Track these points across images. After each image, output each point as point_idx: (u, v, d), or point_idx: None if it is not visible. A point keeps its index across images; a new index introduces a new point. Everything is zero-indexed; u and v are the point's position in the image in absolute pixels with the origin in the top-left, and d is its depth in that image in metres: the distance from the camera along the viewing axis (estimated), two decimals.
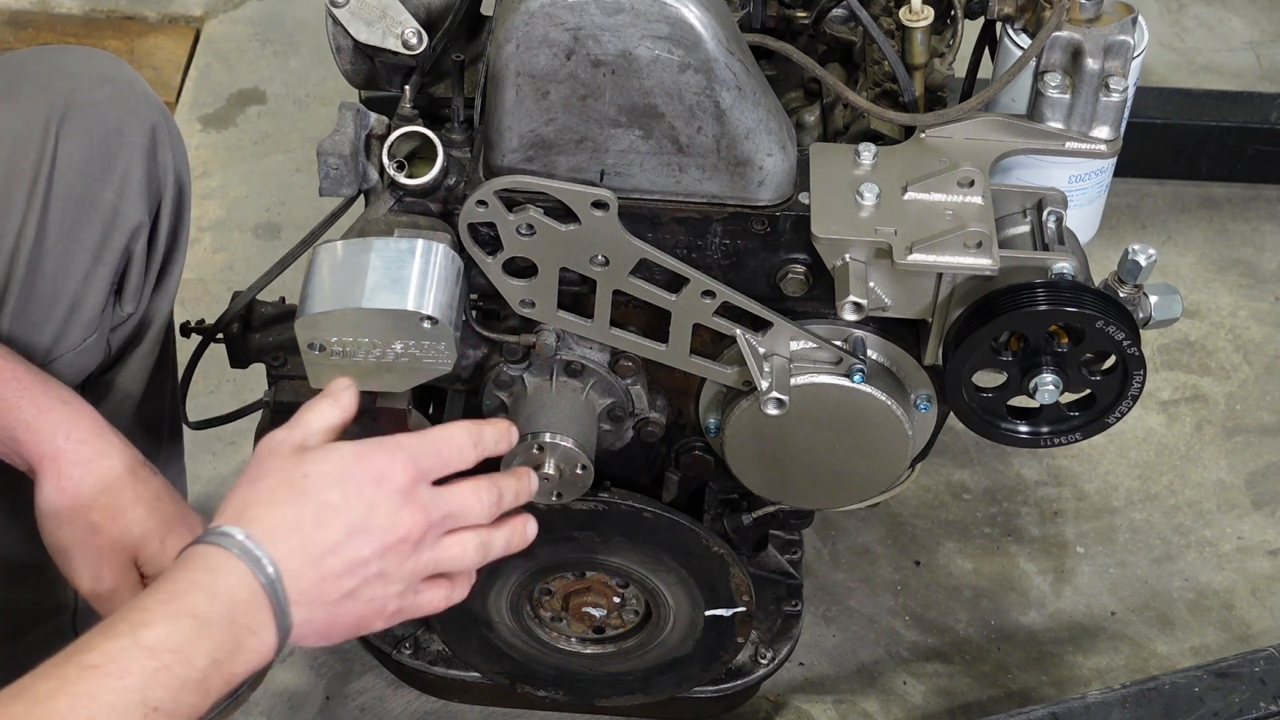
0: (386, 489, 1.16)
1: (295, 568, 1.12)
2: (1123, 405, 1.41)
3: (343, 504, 1.14)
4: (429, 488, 1.19)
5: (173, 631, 1.06)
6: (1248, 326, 2.32)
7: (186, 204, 1.51)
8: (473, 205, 1.35)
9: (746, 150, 1.34)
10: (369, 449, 1.18)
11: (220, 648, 1.08)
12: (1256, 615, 2.01)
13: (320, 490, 1.14)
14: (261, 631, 1.11)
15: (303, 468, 1.16)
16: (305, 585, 1.12)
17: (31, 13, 2.70)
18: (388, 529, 1.16)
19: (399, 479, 1.17)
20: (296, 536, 1.13)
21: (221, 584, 1.09)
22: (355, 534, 1.14)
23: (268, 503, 1.14)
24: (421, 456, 1.19)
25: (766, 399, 1.40)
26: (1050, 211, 1.40)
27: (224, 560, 1.10)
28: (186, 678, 1.06)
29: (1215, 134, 2.41)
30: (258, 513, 1.13)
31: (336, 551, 1.14)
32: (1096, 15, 1.37)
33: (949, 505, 2.11)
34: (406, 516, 1.17)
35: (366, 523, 1.15)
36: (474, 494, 1.22)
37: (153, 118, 1.45)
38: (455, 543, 1.21)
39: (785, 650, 1.82)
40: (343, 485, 1.15)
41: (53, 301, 1.41)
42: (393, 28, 1.38)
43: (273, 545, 1.11)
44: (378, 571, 1.16)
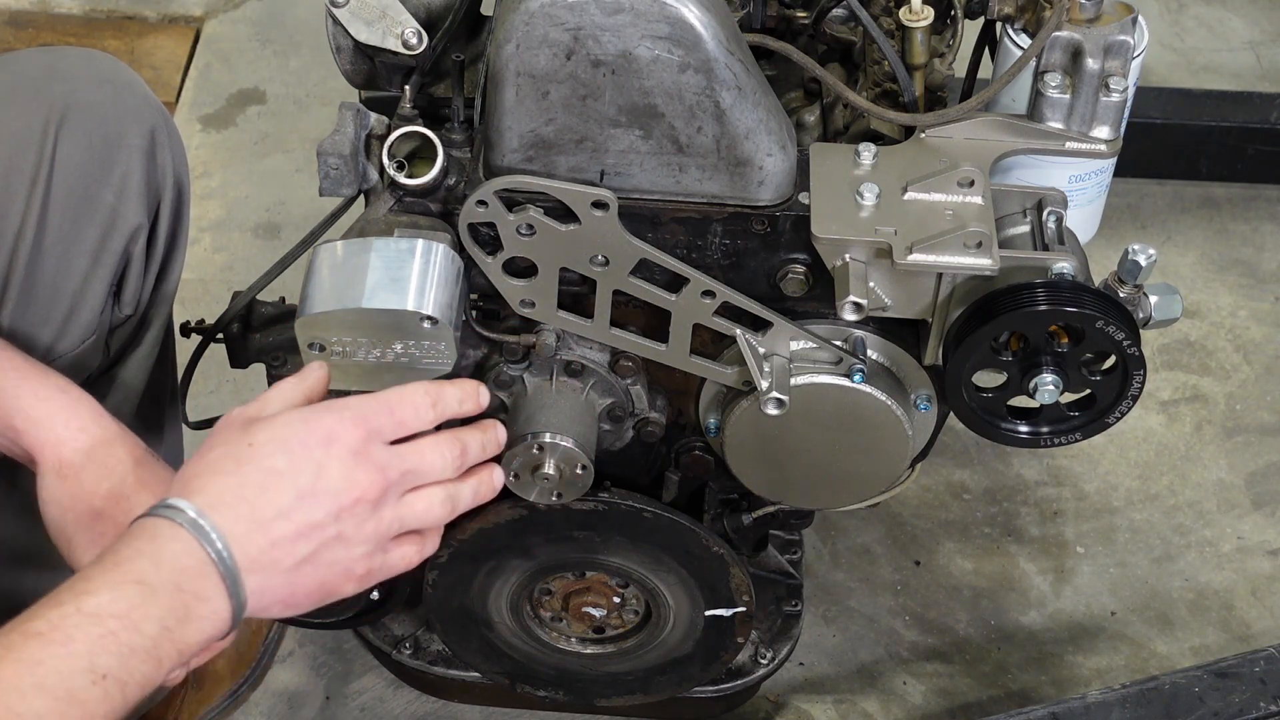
0: (336, 450, 1.15)
1: (242, 534, 1.11)
2: (1123, 405, 1.41)
3: (288, 469, 1.13)
4: (384, 447, 1.18)
5: (117, 598, 1.06)
6: (1248, 326, 2.32)
7: (186, 205, 1.51)
8: (473, 205, 1.35)
9: (746, 150, 1.34)
10: (315, 412, 1.17)
11: (169, 614, 1.07)
12: (1256, 615, 2.02)
13: (265, 457, 1.14)
14: (212, 599, 1.10)
15: (248, 437, 1.15)
16: (255, 552, 1.11)
17: (31, 13, 2.70)
18: (341, 491, 1.15)
19: (348, 439, 1.16)
20: (242, 504, 1.12)
21: (166, 551, 1.09)
22: (305, 498, 1.13)
23: (211, 473, 1.13)
24: (372, 415, 1.18)
25: (766, 399, 1.40)
26: (1050, 211, 1.40)
27: (167, 529, 1.10)
28: (134, 644, 1.05)
29: (1215, 134, 2.41)
30: (201, 483, 1.13)
31: (285, 516, 1.13)
32: (1096, 15, 1.37)
33: (949, 505, 2.11)
34: (361, 476, 1.16)
35: (316, 486, 1.14)
36: (434, 449, 1.21)
37: (152, 119, 1.45)
38: (420, 498, 1.20)
39: (785, 650, 1.82)
40: (288, 450, 1.14)
41: (51, 303, 1.41)
42: (393, 28, 1.38)
43: (217, 514, 1.10)
44: (335, 534, 1.15)
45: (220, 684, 1.86)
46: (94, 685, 1.03)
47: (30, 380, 1.29)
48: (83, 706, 1.02)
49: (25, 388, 1.29)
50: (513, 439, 1.47)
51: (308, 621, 1.50)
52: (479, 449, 1.26)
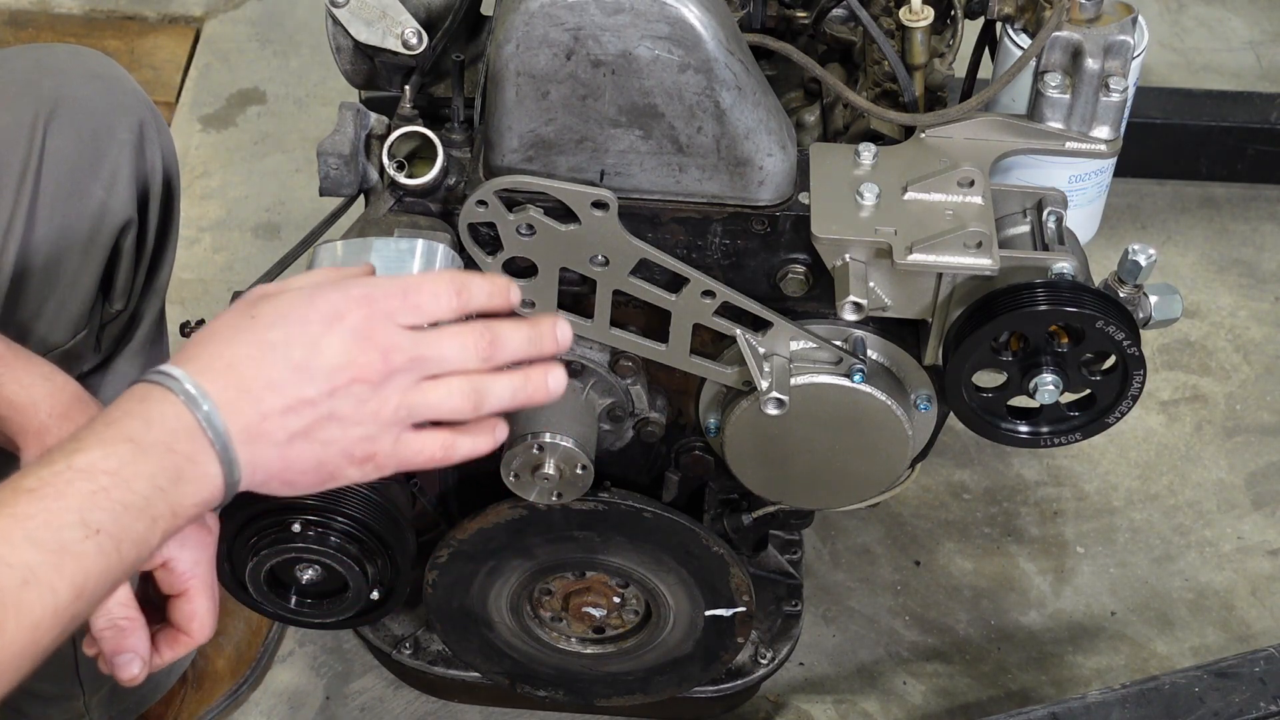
0: (338, 328, 1.12)
1: (230, 401, 1.09)
2: (1123, 405, 1.41)
3: (283, 341, 1.11)
4: (395, 329, 1.13)
5: (107, 454, 1.05)
6: (1248, 326, 2.32)
7: (176, 200, 1.51)
8: (473, 205, 1.35)
9: (746, 150, 1.34)
10: (323, 288, 1.14)
11: (160, 473, 1.06)
12: (1256, 615, 2.01)
13: (263, 329, 1.12)
14: (203, 462, 1.08)
15: (252, 310, 1.13)
16: (245, 421, 1.10)
17: (31, 13, 2.70)
18: (337, 369, 1.11)
19: (352, 317, 1.12)
20: (231, 372, 1.10)
21: (155, 413, 1.08)
22: (297, 371, 1.11)
23: (208, 341, 1.12)
24: (383, 296, 1.14)
25: (766, 399, 1.40)
26: (1050, 211, 1.40)
27: (156, 392, 1.09)
28: (127, 501, 1.04)
29: (1215, 134, 2.41)
30: (196, 350, 1.12)
31: (275, 388, 1.10)
32: (1096, 15, 1.37)
33: (949, 505, 2.11)
34: (359, 355, 1.12)
35: (311, 361, 1.11)
36: (454, 337, 1.15)
37: (140, 114, 1.45)
38: (437, 387, 1.15)
39: (785, 650, 1.82)
40: (286, 323, 1.12)
41: (41, 296, 1.41)
42: (393, 28, 1.38)
43: (206, 380, 1.09)
44: (328, 412, 1.12)
45: (220, 684, 1.86)
46: (87, 539, 1.02)
47: (13, 367, 1.28)
48: (77, 560, 1.01)
49: (8, 374, 1.28)
50: (513, 439, 1.47)
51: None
52: (521, 344, 1.18)
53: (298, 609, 1.48)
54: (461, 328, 1.16)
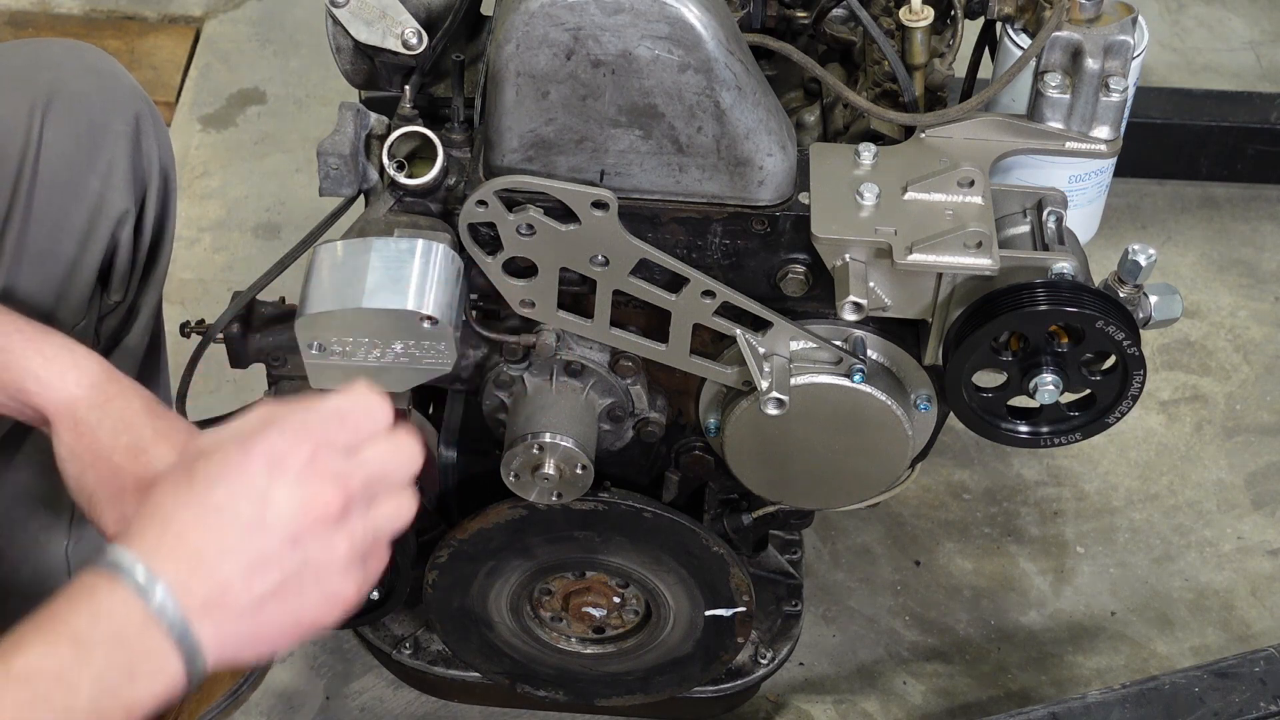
0: (281, 473, 1.04)
1: (184, 579, 1.01)
2: (1123, 405, 1.41)
3: (228, 501, 1.03)
4: (339, 456, 1.07)
5: (48, 654, 0.97)
6: (1248, 326, 2.32)
7: (172, 193, 1.51)
8: (473, 205, 1.35)
9: (746, 150, 1.34)
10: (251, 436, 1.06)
11: (110, 672, 0.99)
12: (1256, 615, 2.01)
13: (204, 492, 1.04)
14: (158, 655, 1.00)
15: (190, 472, 1.05)
16: (203, 597, 1.02)
17: (31, 13, 2.70)
18: (294, 516, 1.04)
19: (295, 457, 1.05)
20: (181, 545, 1.02)
21: (104, 606, 1.00)
22: (252, 530, 1.03)
23: (149, 517, 1.04)
24: (318, 425, 1.07)
25: (766, 399, 1.40)
26: (1050, 211, 1.40)
27: (103, 582, 1.01)
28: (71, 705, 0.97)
29: (1215, 134, 2.41)
30: (139, 528, 1.04)
31: (230, 554, 1.03)
32: (1096, 15, 1.37)
33: (949, 505, 2.11)
34: (314, 495, 1.04)
35: (264, 516, 1.03)
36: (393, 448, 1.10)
37: (136, 107, 1.45)
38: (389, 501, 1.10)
39: (785, 650, 1.82)
40: (227, 481, 1.04)
41: (39, 289, 1.41)
42: (393, 28, 1.38)
43: (155, 561, 1.01)
44: (300, 561, 1.04)
45: (220, 684, 1.86)
46: None
47: (35, 341, 1.27)
48: None
49: (31, 348, 1.26)
50: (513, 439, 1.47)
51: None
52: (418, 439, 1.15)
53: None
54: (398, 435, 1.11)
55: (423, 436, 1.55)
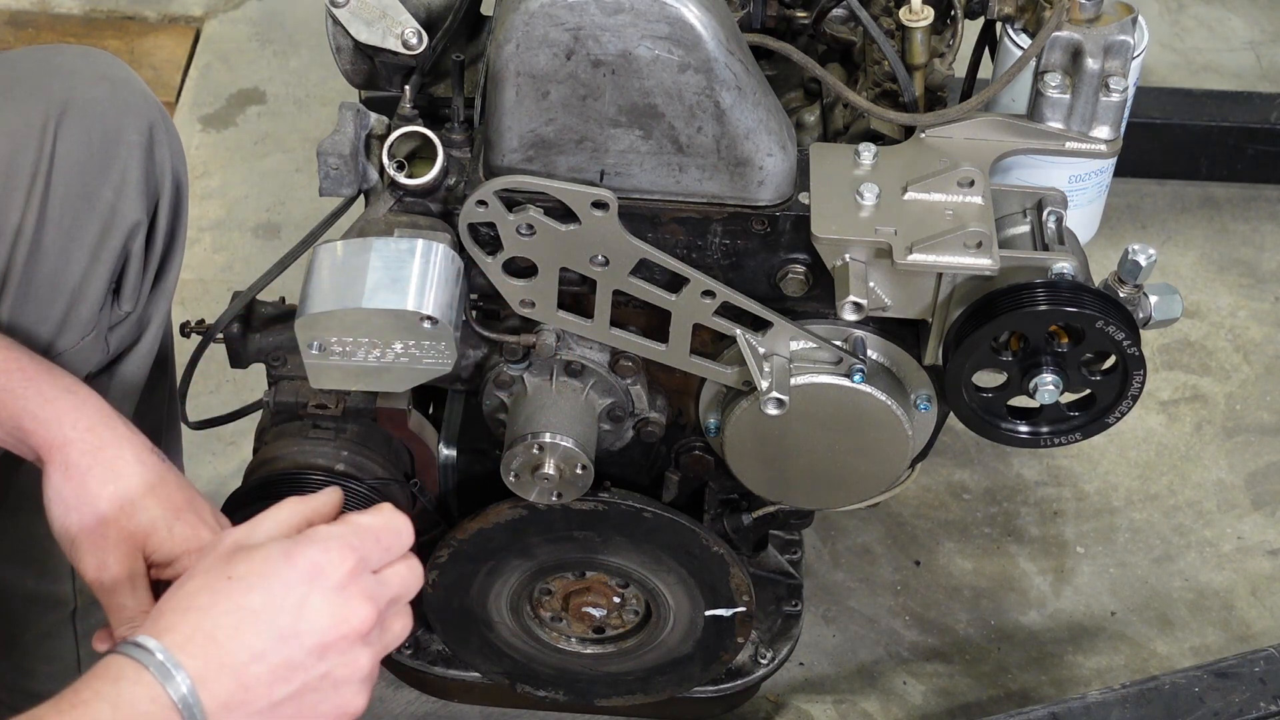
0: (321, 585, 1.08)
1: (210, 675, 1.04)
2: (1123, 405, 1.41)
3: (265, 607, 1.06)
4: (371, 575, 1.12)
5: None
6: (1248, 326, 2.32)
7: (184, 203, 1.51)
8: (473, 205, 1.35)
9: (746, 150, 1.34)
10: (299, 544, 1.10)
11: None
12: (1256, 615, 2.01)
13: (242, 593, 1.07)
14: None
15: (228, 569, 1.08)
16: (224, 696, 1.04)
17: (31, 13, 2.70)
18: (325, 629, 1.08)
19: (335, 572, 1.09)
20: (212, 645, 1.05)
21: (126, 695, 1.02)
22: (284, 639, 1.06)
23: (185, 609, 1.07)
24: (360, 543, 1.11)
25: (766, 399, 1.40)
26: (1050, 211, 1.40)
27: (131, 671, 1.03)
28: None
29: (1215, 134, 2.41)
30: (172, 620, 1.06)
31: (260, 658, 1.05)
32: (1096, 15, 1.37)
33: (949, 505, 2.11)
34: (350, 612, 1.09)
35: (297, 625, 1.07)
36: (411, 570, 1.15)
37: (150, 116, 1.45)
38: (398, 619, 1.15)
39: (785, 650, 1.82)
40: (266, 586, 1.07)
41: (51, 300, 1.41)
42: (393, 28, 1.38)
43: (185, 655, 1.04)
44: (321, 674, 1.08)
45: None
46: None
47: (37, 380, 1.28)
48: None
49: (32, 388, 1.27)
50: (513, 439, 1.47)
51: None
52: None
53: None
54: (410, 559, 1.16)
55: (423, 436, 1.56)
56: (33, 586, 1.58)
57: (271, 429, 1.55)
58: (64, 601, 1.60)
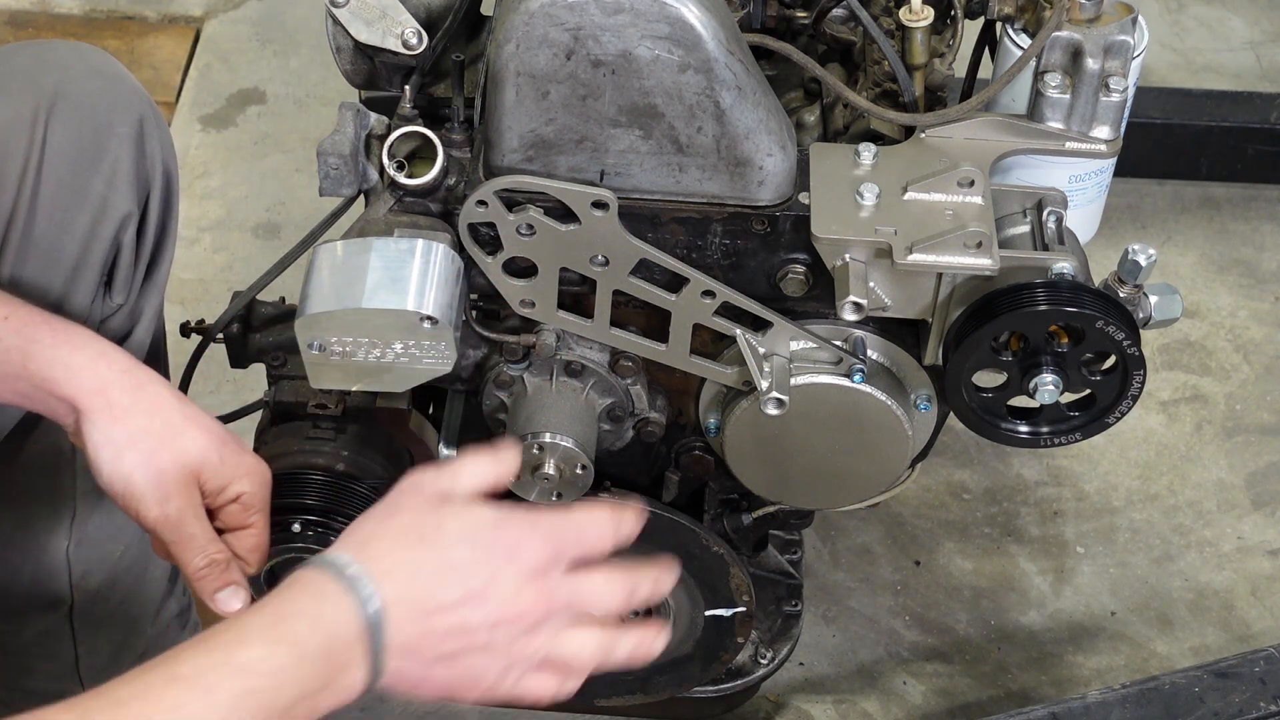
0: (516, 564, 1.11)
1: (402, 614, 1.08)
2: (1123, 405, 1.41)
3: (466, 565, 1.10)
4: (560, 572, 1.14)
5: (269, 655, 1.02)
6: (1248, 326, 2.32)
7: (175, 195, 1.51)
8: (473, 205, 1.35)
9: (746, 150, 1.34)
10: (510, 519, 1.13)
11: (312, 680, 1.04)
12: (1256, 615, 2.01)
13: (449, 545, 1.10)
14: (354, 671, 1.06)
15: (438, 517, 1.11)
16: (406, 637, 1.08)
17: (31, 13, 2.70)
18: (505, 603, 1.11)
19: (532, 557, 1.12)
20: (411, 584, 1.08)
21: (327, 614, 1.05)
22: (470, 599, 1.10)
23: (393, 542, 1.10)
24: (561, 537, 1.14)
25: (766, 399, 1.40)
26: (1050, 211, 1.40)
27: (334, 590, 1.06)
28: (274, 705, 1.02)
29: (1215, 134, 2.41)
30: (379, 549, 1.09)
31: (447, 610, 1.09)
32: (1096, 15, 1.37)
33: (949, 505, 2.11)
34: (529, 596, 1.12)
35: (486, 591, 1.10)
36: (607, 585, 1.17)
37: (140, 109, 1.45)
38: (576, 637, 1.16)
39: (785, 650, 1.82)
40: (472, 547, 1.11)
41: (43, 292, 1.41)
42: (393, 28, 1.38)
43: (384, 586, 1.07)
44: (484, 642, 1.11)
45: None
46: None
47: (62, 331, 1.28)
48: None
49: (60, 337, 1.28)
50: (513, 439, 1.47)
51: None
52: (648, 592, 1.19)
53: None
54: (611, 575, 1.17)
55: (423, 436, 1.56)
56: (30, 584, 1.58)
57: (271, 429, 1.55)
58: (62, 599, 1.60)
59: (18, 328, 1.27)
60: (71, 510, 1.56)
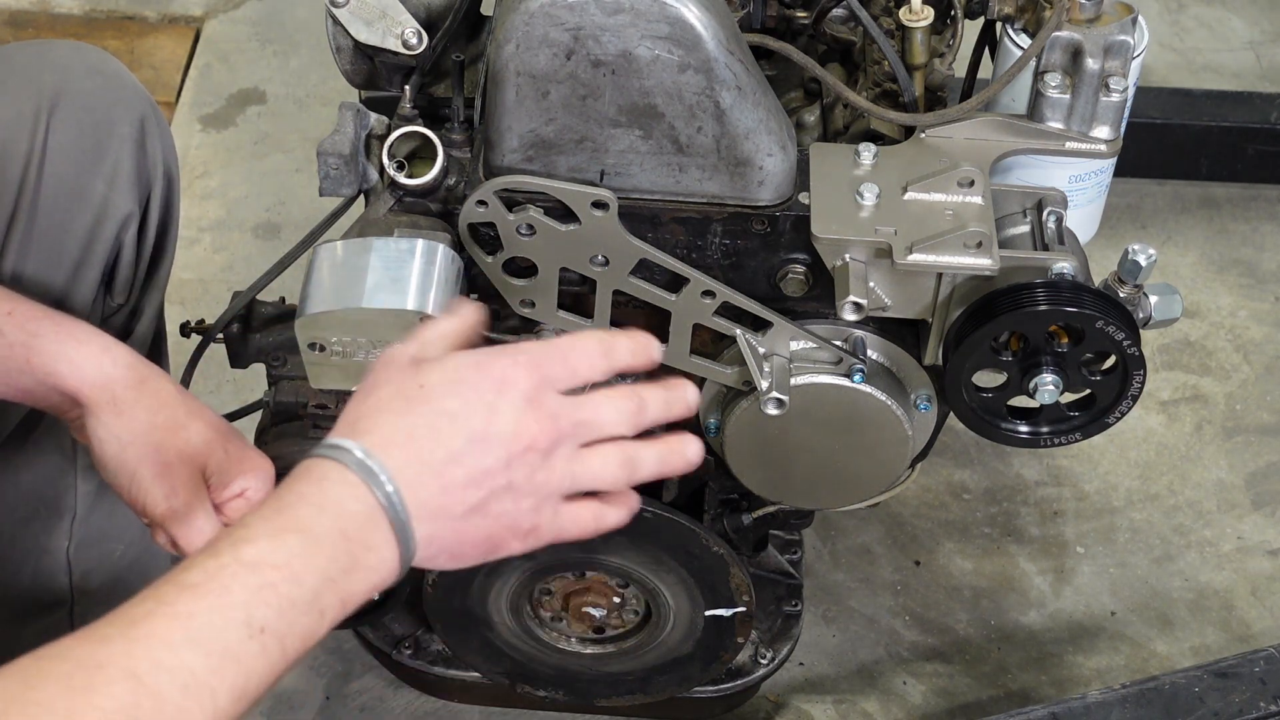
0: (509, 395, 1.07)
1: (413, 478, 1.04)
2: (1123, 405, 1.41)
3: (461, 410, 1.06)
4: (557, 395, 1.10)
5: (277, 547, 0.99)
6: (1248, 326, 2.32)
7: (175, 195, 1.51)
8: (473, 205, 1.35)
9: (746, 150, 1.34)
10: (488, 355, 1.09)
11: (333, 564, 1.00)
12: (1256, 615, 2.01)
13: (438, 398, 1.07)
14: (380, 548, 1.03)
15: (418, 378, 1.08)
16: (426, 497, 1.05)
17: (31, 13, 2.70)
18: (512, 436, 1.07)
19: (522, 384, 1.08)
20: (412, 445, 1.05)
21: (331, 496, 1.02)
22: (477, 442, 1.06)
23: (380, 412, 1.06)
24: (545, 362, 1.10)
25: (766, 399, 1.40)
26: (1050, 211, 1.40)
27: (334, 471, 1.03)
28: (295, 596, 0.98)
29: (1215, 134, 2.41)
30: (370, 423, 1.06)
31: (457, 460, 1.05)
32: (1096, 15, 1.37)
33: (949, 505, 2.11)
34: (532, 423, 1.07)
35: (488, 430, 1.06)
36: (609, 401, 1.12)
37: (141, 109, 1.45)
38: (595, 455, 1.12)
39: (785, 650, 1.82)
40: (460, 392, 1.07)
41: (44, 292, 1.41)
42: (393, 28, 1.38)
43: (387, 455, 1.04)
44: (506, 483, 1.07)
45: None
46: (251, 639, 0.96)
47: (66, 326, 1.28)
48: (238, 662, 0.96)
49: (64, 332, 1.28)
50: None
51: None
52: (660, 408, 1.15)
53: None
54: (613, 392, 1.13)
55: None
56: (30, 584, 1.58)
57: (271, 429, 1.55)
58: (62, 600, 1.60)
59: (21, 322, 1.27)
60: (72, 511, 1.56)
